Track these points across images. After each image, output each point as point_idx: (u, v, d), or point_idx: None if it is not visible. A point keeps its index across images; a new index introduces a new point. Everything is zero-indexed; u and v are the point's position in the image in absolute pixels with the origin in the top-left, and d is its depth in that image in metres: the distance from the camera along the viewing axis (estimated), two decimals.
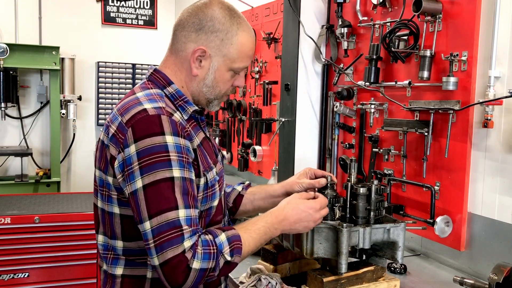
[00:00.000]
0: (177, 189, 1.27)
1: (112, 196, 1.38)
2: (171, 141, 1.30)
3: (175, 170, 1.28)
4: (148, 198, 1.26)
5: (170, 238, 1.23)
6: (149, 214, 1.26)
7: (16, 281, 3.41)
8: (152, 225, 1.25)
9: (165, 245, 1.23)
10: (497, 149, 1.93)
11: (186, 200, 1.28)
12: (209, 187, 1.44)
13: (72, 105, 5.24)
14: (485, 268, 1.90)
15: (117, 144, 1.32)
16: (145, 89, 1.44)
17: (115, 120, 1.36)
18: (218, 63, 1.44)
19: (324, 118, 2.84)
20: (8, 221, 3.37)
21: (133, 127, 1.30)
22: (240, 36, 1.44)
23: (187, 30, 1.43)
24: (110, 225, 1.41)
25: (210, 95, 1.49)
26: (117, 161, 1.32)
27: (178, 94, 1.45)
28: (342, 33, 2.60)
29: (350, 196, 1.68)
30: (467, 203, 2.02)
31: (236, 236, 1.35)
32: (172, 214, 1.25)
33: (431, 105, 2.10)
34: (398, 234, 1.66)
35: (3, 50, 4.68)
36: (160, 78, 1.47)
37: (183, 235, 1.24)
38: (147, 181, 1.27)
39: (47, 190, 5.01)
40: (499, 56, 1.89)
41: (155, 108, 1.34)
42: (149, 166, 1.27)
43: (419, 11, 2.05)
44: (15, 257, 3.40)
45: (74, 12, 5.54)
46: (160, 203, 1.26)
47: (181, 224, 1.25)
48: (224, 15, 1.42)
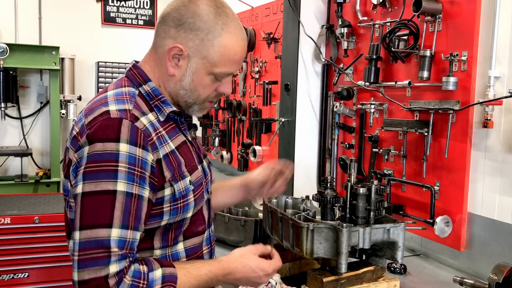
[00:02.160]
0: (117, 204, 1.15)
1: (71, 203, 1.28)
2: (124, 150, 1.17)
3: (121, 183, 1.16)
4: (84, 207, 1.15)
5: (94, 257, 1.12)
6: (80, 224, 1.14)
7: (16, 281, 3.41)
8: (80, 237, 1.14)
9: (88, 263, 1.11)
10: (497, 149, 1.92)
11: (125, 220, 1.15)
12: (177, 198, 1.30)
13: (72, 105, 5.23)
14: (485, 268, 1.90)
15: (75, 147, 1.22)
16: (118, 87, 1.32)
17: (80, 121, 1.27)
18: (197, 64, 1.30)
19: (324, 118, 2.84)
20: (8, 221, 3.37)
21: (92, 129, 1.19)
22: (224, 38, 1.28)
23: (167, 25, 1.30)
24: None
25: (188, 99, 1.35)
26: (72, 164, 1.23)
27: (154, 93, 1.32)
28: (342, 33, 2.60)
29: (350, 196, 1.68)
30: (467, 203, 2.02)
31: (173, 276, 1.21)
32: (102, 232, 1.13)
33: (431, 105, 2.10)
34: (398, 234, 1.66)
35: (3, 50, 4.67)
36: (137, 75, 1.34)
37: (110, 257, 1.12)
38: (87, 189, 1.15)
39: (47, 190, 5.01)
40: (499, 56, 1.89)
41: (119, 110, 1.22)
42: (93, 173, 1.16)
43: (419, 11, 2.05)
44: (15, 257, 3.40)
45: (74, 12, 5.54)
46: (93, 217, 1.14)
47: (110, 244, 1.13)
48: (208, 13, 1.27)
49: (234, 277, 1.34)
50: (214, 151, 4.27)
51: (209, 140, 4.35)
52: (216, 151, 4.26)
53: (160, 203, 1.27)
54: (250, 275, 1.35)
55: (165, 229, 1.32)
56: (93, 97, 1.34)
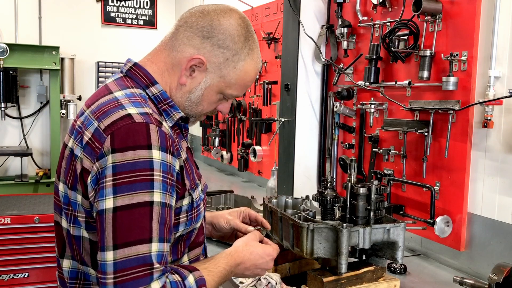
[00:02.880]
0: (155, 217, 1.07)
1: (79, 218, 1.16)
2: (157, 157, 1.08)
3: (157, 193, 1.07)
4: (117, 223, 1.04)
5: (136, 277, 1.03)
6: (114, 243, 1.04)
7: (16, 281, 3.41)
8: (116, 257, 1.03)
9: (129, 284, 1.03)
10: (497, 149, 1.92)
11: (161, 232, 1.08)
12: (194, 207, 1.26)
13: (72, 105, 5.24)
14: (485, 268, 1.90)
15: (91, 155, 1.10)
16: (124, 88, 1.21)
17: (90, 125, 1.14)
18: (212, 81, 1.26)
19: (324, 118, 2.84)
20: (8, 221, 3.37)
21: (114, 135, 1.08)
22: (247, 63, 1.26)
23: (193, 32, 1.24)
24: (79, 250, 1.20)
25: (190, 111, 1.30)
26: (90, 175, 1.10)
27: (163, 96, 1.24)
28: (342, 33, 2.60)
29: (350, 196, 1.68)
30: (467, 203, 2.02)
31: (202, 279, 1.18)
32: (144, 248, 1.05)
33: (431, 105, 2.10)
34: (398, 234, 1.66)
35: (3, 50, 4.68)
36: (142, 76, 1.25)
37: (153, 274, 1.05)
38: (121, 203, 1.04)
39: (47, 190, 5.01)
40: (499, 56, 1.89)
41: (142, 114, 1.12)
42: (126, 185, 1.05)
43: (419, 11, 2.05)
44: (15, 257, 3.40)
45: (74, 12, 5.54)
46: (131, 233, 1.05)
47: (152, 261, 1.05)
48: (240, 34, 1.24)
49: (244, 266, 1.33)
50: (214, 151, 4.27)
51: (209, 140, 4.35)
52: (216, 151, 4.26)
53: (178, 214, 1.21)
54: (258, 261, 1.35)
55: (177, 241, 1.26)
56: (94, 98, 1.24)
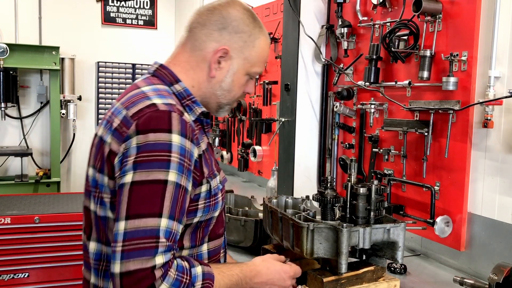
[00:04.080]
0: (167, 194, 1.15)
1: (105, 199, 1.26)
2: (177, 141, 1.18)
3: (172, 173, 1.16)
4: (132, 196, 1.13)
5: (142, 247, 1.09)
6: (127, 214, 1.12)
7: (16, 281, 3.41)
8: (126, 226, 1.11)
9: (134, 253, 1.09)
10: (497, 149, 1.93)
11: (173, 210, 1.15)
12: (212, 195, 1.33)
13: (72, 105, 5.24)
14: (485, 268, 1.90)
15: (119, 138, 1.21)
16: (150, 84, 1.33)
17: (119, 113, 1.25)
18: (238, 65, 1.38)
19: (324, 118, 2.84)
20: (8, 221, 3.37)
21: (139, 120, 1.19)
22: (262, 40, 1.40)
23: (209, 28, 1.36)
24: (104, 231, 1.27)
25: (224, 99, 1.41)
26: (117, 156, 1.20)
27: (186, 93, 1.35)
28: (342, 33, 2.60)
29: (350, 196, 1.68)
30: (467, 203, 2.02)
31: (211, 275, 1.23)
32: (152, 221, 1.12)
33: (431, 105, 2.10)
34: (398, 234, 1.66)
35: (3, 50, 4.68)
36: (167, 75, 1.36)
37: (157, 247, 1.11)
38: (138, 178, 1.14)
39: (47, 190, 5.01)
40: (499, 56, 1.89)
41: (165, 104, 1.23)
42: (145, 163, 1.15)
43: (419, 11, 2.05)
44: (15, 257, 3.40)
45: (74, 12, 5.54)
46: (143, 205, 1.13)
47: (159, 234, 1.11)
48: (248, 17, 1.38)
49: (260, 280, 1.37)
50: (214, 151, 4.27)
51: None
52: (216, 151, 4.26)
53: (196, 200, 1.29)
54: (275, 276, 1.40)
55: (195, 227, 1.32)
56: (124, 93, 1.35)
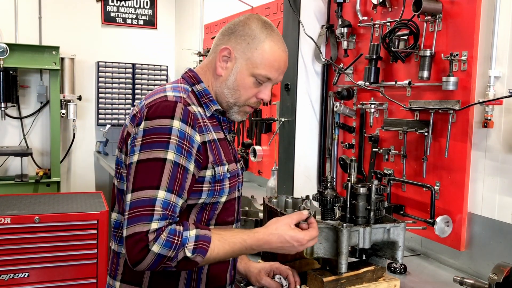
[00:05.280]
0: (165, 171, 1.32)
1: (123, 174, 1.46)
2: (177, 125, 1.35)
3: (170, 153, 1.33)
4: (137, 172, 1.32)
5: (140, 214, 1.27)
6: (132, 187, 1.31)
7: (16, 281, 3.41)
8: (131, 198, 1.30)
9: (135, 219, 1.27)
10: (497, 149, 1.92)
11: (171, 184, 1.32)
12: (217, 180, 1.46)
13: (72, 105, 5.23)
14: (485, 268, 1.90)
15: (134, 122, 1.42)
16: (175, 83, 1.53)
17: (140, 103, 1.48)
18: (241, 65, 1.49)
19: (324, 118, 2.84)
20: (8, 221, 3.37)
21: (150, 108, 1.39)
22: (266, 44, 1.48)
23: (221, 35, 1.53)
24: (121, 202, 1.47)
25: (230, 98, 1.52)
26: (130, 137, 1.40)
27: (205, 92, 1.52)
28: (342, 33, 2.60)
29: (350, 196, 1.68)
30: (467, 203, 2.02)
31: (206, 237, 1.34)
32: (150, 192, 1.29)
33: (431, 105, 2.10)
34: (398, 234, 1.66)
35: (3, 50, 4.67)
36: (191, 77, 1.55)
37: (153, 215, 1.27)
38: (142, 157, 1.33)
39: (47, 190, 5.01)
40: (499, 56, 1.89)
41: (175, 96, 1.43)
42: (148, 144, 1.34)
43: (419, 11, 2.05)
44: (15, 257, 3.40)
45: (74, 12, 5.54)
46: (144, 180, 1.31)
47: (155, 203, 1.29)
48: (257, 25, 1.50)
49: (269, 246, 1.43)
50: None
51: None
52: None
53: (201, 182, 1.43)
54: (285, 245, 1.44)
55: (201, 208, 1.46)
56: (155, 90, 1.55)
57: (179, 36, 5.93)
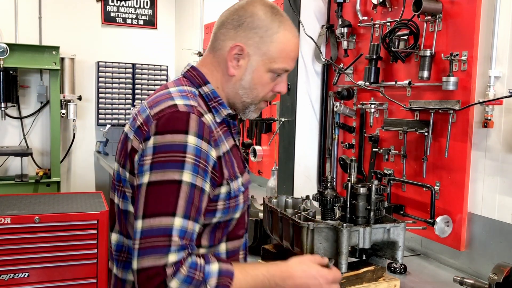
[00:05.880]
0: (182, 194, 1.17)
1: (127, 193, 1.31)
2: (192, 142, 1.20)
3: (187, 173, 1.18)
4: (149, 196, 1.17)
5: (155, 245, 1.13)
6: (144, 213, 1.17)
7: (16, 281, 3.41)
8: (143, 225, 1.16)
9: (148, 251, 1.13)
10: (497, 149, 1.92)
11: (187, 210, 1.17)
12: (231, 197, 1.33)
13: (72, 105, 5.23)
14: (485, 268, 1.90)
15: (140, 136, 1.25)
16: (179, 85, 1.36)
17: (143, 112, 1.29)
18: (257, 62, 1.35)
19: (324, 118, 2.84)
20: (8, 221, 3.37)
21: (159, 120, 1.23)
22: (282, 34, 1.34)
23: (226, 28, 1.36)
24: (125, 224, 1.33)
25: (247, 98, 1.40)
26: (137, 154, 1.24)
27: (213, 95, 1.37)
28: (342, 33, 2.60)
29: (350, 196, 1.68)
30: (467, 203, 2.02)
31: (229, 272, 1.21)
32: (166, 220, 1.15)
33: (431, 105, 2.10)
34: (398, 234, 1.66)
35: (3, 50, 4.67)
36: (196, 76, 1.39)
37: (170, 246, 1.13)
38: (154, 179, 1.18)
39: (47, 190, 5.01)
40: (499, 56, 1.89)
41: (186, 105, 1.26)
42: (161, 163, 1.18)
43: (419, 11, 2.05)
44: (15, 257, 3.40)
45: (74, 12, 5.54)
46: (158, 205, 1.16)
47: (171, 233, 1.14)
48: (265, 12, 1.34)
49: (294, 282, 1.31)
50: None
51: None
52: None
53: (215, 200, 1.30)
54: (310, 281, 1.32)
55: (214, 227, 1.33)
56: (153, 93, 1.39)
57: (179, 36, 5.93)
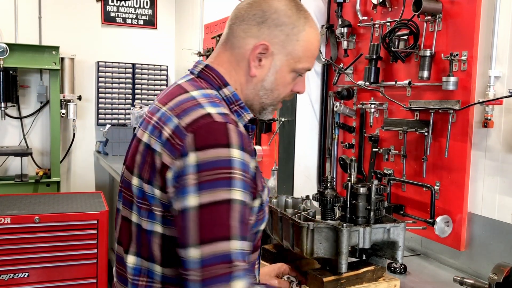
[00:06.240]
0: (234, 214, 1.05)
1: (155, 212, 1.15)
2: (237, 156, 1.08)
3: (237, 191, 1.07)
4: (202, 220, 1.04)
5: (218, 274, 1.02)
6: (200, 240, 1.03)
7: (16, 281, 3.41)
8: (202, 254, 1.03)
9: (212, 281, 1.02)
10: (497, 149, 1.92)
11: (242, 230, 1.06)
12: (261, 209, 1.24)
13: (72, 105, 5.23)
14: (485, 268, 1.90)
15: (172, 151, 1.10)
16: (199, 88, 1.22)
17: (169, 121, 1.14)
18: (281, 62, 1.25)
19: (324, 118, 2.84)
20: (8, 221, 3.37)
21: (196, 133, 1.09)
22: (307, 32, 1.25)
23: (247, 24, 1.24)
24: (147, 245, 1.18)
25: (267, 100, 1.29)
26: (171, 171, 1.10)
27: (234, 97, 1.25)
28: (342, 32, 2.60)
29: (350, 196, 1.68)
30: (467, 203, 2.02)
31: None
32: (224, 246, 1.03)
33: (431, 105, 2.10)
34: (398, 234, 1.66)
35: (3, 50, 4.67)
36: (214, 77, 1.25)
37: (232, 272, 1.03)
38: (205, 200, 1.04)
39: (47, 190, 5.01)
40: (499, 55, 1.89)
41: (220, 114, 1.12)
42: (208, 182, 1.05)
43: (419, 11, 2.05)
44: (15, 257, 3.40)
45: (74, 12, 5.53)
46: (213, 230, 1.04)
47: (231, 258, 1.03)
48: (290, 7, 1.24)
49: None
50: None
51: None
52: None
53: None
54: None
55: None
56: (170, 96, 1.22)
57: (179, 36, 5.93)
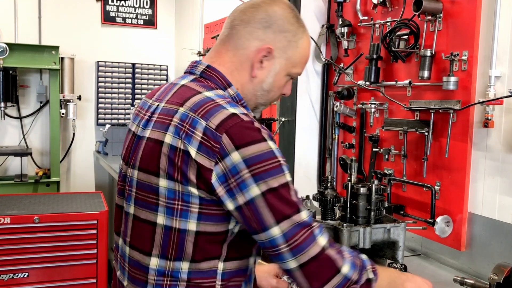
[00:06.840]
0: (292, 192, 1.21)
1: (191, 209, 1.21)
2: (274, 146, 1.21)
3: (287, 174, 1.21)
4: (271, 204, 1.17)
5: (303, 238, 1.17)
6: (276, 219, 1.17)
7: (16, 281, 3.41)
8: (282, 229, 1.17)
9: (303, 245, 1.17)
10: (497, 149, 1.92)
11: (301, 203, 1.23)
12: None
13: (72, 104, 5.22)
14: (485, 268, 1.90)
15: (209, 154, 1.17)
16: (209, 89, 1.29)
17: (196, 123, 1.20)
18: (280, 65, 1.34)
19: (324, 117, 2.84)
20: (7, 221, 3.37)
21: (229, 133, 1.16)
22: (305, 40, 1.37)
23: (253, 26, 1.32)
24: (177, 244, 1.23)
25: (261, 100, 1.39)
26: (214, 173, 1.17)
27: (238, 97, 1.33)
28: (342, 32, 2.60)
29: (350, 196, 1.68)
30: (467, 203, 2.02)
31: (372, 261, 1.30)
32: (296, 217, 1.18)
33: (432, 105, 2.09)
34: (399, 234, 1.66)
35: (2, 49, 4.67)
36: (219, 78, 1.32)
37: (313, 232, 1.19)
38: (265, 188, 1.17)
39: (47, 190, 5.00)
40: (499, 55, 1.89)
41: (243, 113, 1.22)
42: (264, 172, 1.17)
43: (419, 11, 2.04)
44: (15, 257, 3.40)
45: (73, 12, 5.53)
46: (284, 208, 1.18)
47: (307, 223, 1.19)
48: (292, 16, 1.35)
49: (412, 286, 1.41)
50: None
51: None
52: None
53: None
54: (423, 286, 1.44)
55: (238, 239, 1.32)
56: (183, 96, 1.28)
57: (179, 36, 5.92)
